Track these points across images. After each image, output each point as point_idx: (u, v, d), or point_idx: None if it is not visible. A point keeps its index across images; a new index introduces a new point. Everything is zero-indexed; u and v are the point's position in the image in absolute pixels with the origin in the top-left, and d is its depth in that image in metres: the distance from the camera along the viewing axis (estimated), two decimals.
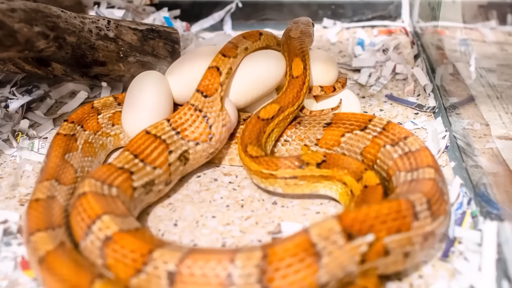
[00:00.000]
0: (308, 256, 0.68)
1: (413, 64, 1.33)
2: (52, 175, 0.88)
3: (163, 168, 0.90)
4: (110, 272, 0.72)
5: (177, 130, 0.92)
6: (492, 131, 0.98)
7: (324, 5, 1.57)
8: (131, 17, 1.48)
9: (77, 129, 0.98)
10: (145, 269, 0.70)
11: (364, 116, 0.96)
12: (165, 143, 0.91)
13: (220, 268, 0.67)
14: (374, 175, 0.86)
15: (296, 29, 1.08)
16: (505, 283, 0.73)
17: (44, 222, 0.79)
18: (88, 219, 0.76)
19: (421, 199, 0.76)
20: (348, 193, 0.86)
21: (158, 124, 0.93)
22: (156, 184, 0.89)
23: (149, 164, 0.88)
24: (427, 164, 0.84)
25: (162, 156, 0.90)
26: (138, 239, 0.73)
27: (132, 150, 0.89)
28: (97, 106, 1.03)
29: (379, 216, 0.71)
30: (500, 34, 1.02)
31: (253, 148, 0.91)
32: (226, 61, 0.95)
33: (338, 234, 0.69)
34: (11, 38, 0.90)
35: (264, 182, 0.90)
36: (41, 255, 0.74)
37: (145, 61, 1.16)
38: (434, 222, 0.76)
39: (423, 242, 0.75)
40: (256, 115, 0.95)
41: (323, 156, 0.89)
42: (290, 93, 0.97)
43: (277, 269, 0.67)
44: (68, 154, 0.93)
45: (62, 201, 0.85)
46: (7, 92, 1.21)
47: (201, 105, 0.93)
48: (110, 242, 0.73)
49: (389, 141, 0.90)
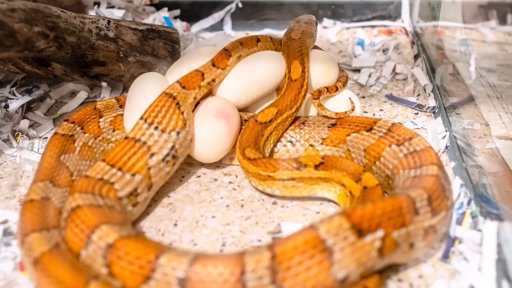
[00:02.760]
0: (318, 253, 0.68)
1: (413, 64, 1.33)
2: (47, 176, 0.87)
3: (142, 173, 0.87)
4: (117, 280, 0.71)
5: (154, 125, 0.89)
6: (492, 131, 0.98)
7: (324, 5, 1.57)
8: (131, 17, 1.48)
9: (76, 130, 0.97)
10: (154, 276, 0.69)
11: (368, 118, 0.96)
12: (146, 145, 0.88)
13: (232, 273, 0.67)
14: (372, 176, 0.86)
15: (298, 29, 1.07)
16: (505, 283, 0.73)
17: (38, 223, 0.78)
18: (87, 229, 0.75)
19: (422, 195, 0.77)
20: (347, 194, 0.87)
21: (135, 126, 0.89)
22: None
23: (127, 172, 0.86)
24: (431, 161, 0.85)
25: (141, 160, 0.87)
26: (140, 244, 0.72)
27: (110, 162, 0.87)
28: (99, 107, 1.01)
29: (385, 213, 0.73)
30: (500, 34, 1.02)
31: (251, 151, 0.91)
32: (213, 71, 0.96)
33: (348, 231, 0.70)
34: (11, 38, 0.90)
35: (262, 185, 0.90)
36: (35, 256, 0.73)
37: (145, 61, 1.16)
38: (435, 217, 0.77)
39: (425, 236, 0.76)
40: (254, 118, 0.95)
41: (321, 158, 0.89)
42: (288, 96, 0.97)
43: (288, 267, 0.67)
44: (64, 155, 0.92)
45: (57, 203, 0.84)
46: (7, 92, 1.21)
47: (176, 93, 0.92)
48: (112, 249, 0.72)
49: (394, 141, 0.90)
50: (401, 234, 0.73)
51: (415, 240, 0.75)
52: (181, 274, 0.68)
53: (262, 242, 0.84)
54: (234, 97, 0.99)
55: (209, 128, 0.94)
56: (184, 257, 0.69)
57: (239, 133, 0.96)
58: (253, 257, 0.68)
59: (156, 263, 0.69)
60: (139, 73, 1.15)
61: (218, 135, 0.94)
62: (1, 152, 1.06)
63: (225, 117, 0.95)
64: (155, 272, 0.69)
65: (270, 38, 1.08)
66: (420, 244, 0.76)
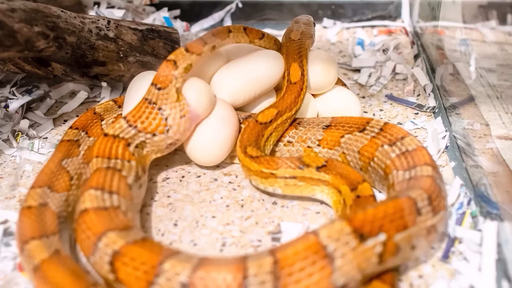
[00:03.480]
0: (320, 259, 0.68)
1: (413, 64, 1.33)
2: (45, 182, 0.87)
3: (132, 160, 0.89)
4: (124, 286, 0.71)
5: (134, 126, 0.91)
6: (492, 131, 0.98)
7: (324, 5, 1.57)
8: (131, 17, 1.48)
9: (81, 135, 0.98)
10: (157, 281, 0.69)
11: (362, 118, 0.97)
12: (124, 139, 0.90)
13: (234, 278, 0.67)
14: (369, 187, 0.86)
15: (297, 30, 1.07)
16: (505, 283, 0.73)
17: (37, 230, 0.78)
18: (93, 236, 0.75)
19: (422, 195, 0.77)
20: (340, 201, 0.86)
21: (115, 124, 0.92)
22: (140, 175, 0.89)
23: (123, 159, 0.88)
24: (424, 162, 0.84)
25: (126, 151, 0.89)
26: (146, 249, 0.72)
27: (101, 155, 0.88)
28: (99, 111, 1.03)
29: (387, 216, 0.72)
30: (500, 34, 1.02)
31: (252, 149, 0.91)
32: (187, 57, 0.93)
33: (349, 235, 0.69)
34: (11, 38, 0.90)
35: (264, 183, 0.90)
36: (36, 264, 0.73)
37: (145, 61, 1.16)
38: (435, 216, 0.77)
39: (427, 235, 0.76)
40: (254, 119, 0.96)
41: (324, 161, 0.89)
42: (288, 99, 0.97)
43: (290, 273, 0.67)
44: (67, 159, 0.92)
45: (55, 208, 0.84)
46: (7, 92, 1.21)
47: (155, 98, 0.92)
48: (119, 255, 0.72)
49: (386, 141, 0.90)
50: (403, 237, 0.73)
51: (417, 241, 0.75)
52: (184, 279, 0.68)
53: (262, 242, 0.84)
54: (231, 96, 0.99)
55: (210, 132, 0.94)
56: (188, 262, 0.69)
57: (238, 134, 0.97)
58: (256, 262, 0.67)
59: (160, 268, 0.69)
60: (139, 73, 1.15)
61: (218, 139, 0.94)
62: (1, 152, 1.06)
63: (225, 121, 0.95)
64: (158, 277, 0.69)
65: (244, 28, 1.03)
66: (422, 243, 0.76)
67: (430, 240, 0.78)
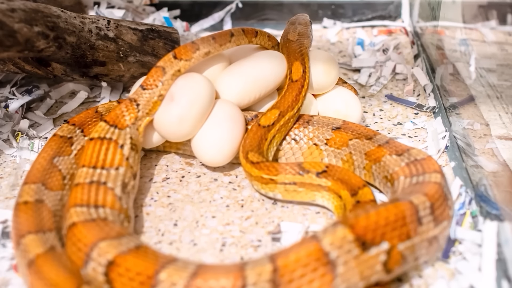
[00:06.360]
0: (321, 266, 0.67)
1: (413, 64, 1.33)
2: (39, 179, 0.86)
3: (123, 164, 0.89)
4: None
5: (115, 125, 0.91)
6: (492, 131, 0.98)
7: (324, 5, 1.57)
8: (131, 17, 1.48)
9: (76, 133, 0.95)
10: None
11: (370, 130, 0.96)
12: (112, 140, 0.89)
13: (233, 286, 0.65)
14: (370, 192, 0.85)
15: (294, 31, 1.08)
16: (505, 283, 0.73)
17: (34, 224, 0.78)
18: (85, 248, 0.74)
19: (425, 203, 0.75)
20: (342, 207, 0.86)
21: (97, 127, 0.91)
22: (128, 179, 0.89)
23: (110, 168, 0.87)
24: (434, 169, 0.83)
25: (117, 153, 0.89)
26: (141, 259, 0.71)
27: (87, 164, 0.87)
28: (101, 111, 1.01)
29: (389, 224, 0.71)
30: (500, 34, 1.02)
31: (254, 155, 0.91)
32: (175, 63, 0.94)
33: (352, 243, 0.69)
34: (11, 38, 0.90)
35: (265, 188, 0.90)
36: (30, 258, 0.73)
37: (145, 61, 1.16)
38: (437, 227, 0.75)
39: (429, 246, 0.75)
40: (257, 122, 0.95)
41: (325, 166, 0.89)
42: (289, 97, 0.97)
43: (290, 281, 0.66)
44: (58, 158, 0.90)
45: (51, 206, 0.83)
46: (7, 92, 1.21)
47: (137, 96, 0.93)
48: (113, 266, 0.71)
49: (393, 151, 0.90)
50: (408, 246, 0.72)
51: (420, 253, 0.74)
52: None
53: (262, 242, 0.84)
54: (236, 97, 0.99)
55: (219, 134, 0.94)
56: (184, 271, 0.68)
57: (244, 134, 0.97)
58: (254, 270, 0.66)
59: (157, 279, 0.68)
60: (139, 73, 1.16)
61: (225, 140, 0.94)
62: (1, 152, 1.06)
63: (232, 121, 0.95)
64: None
65: (242, 30, 1.03)
66: (424, 257, 0.75)
67: (431, 252, 0.76)
